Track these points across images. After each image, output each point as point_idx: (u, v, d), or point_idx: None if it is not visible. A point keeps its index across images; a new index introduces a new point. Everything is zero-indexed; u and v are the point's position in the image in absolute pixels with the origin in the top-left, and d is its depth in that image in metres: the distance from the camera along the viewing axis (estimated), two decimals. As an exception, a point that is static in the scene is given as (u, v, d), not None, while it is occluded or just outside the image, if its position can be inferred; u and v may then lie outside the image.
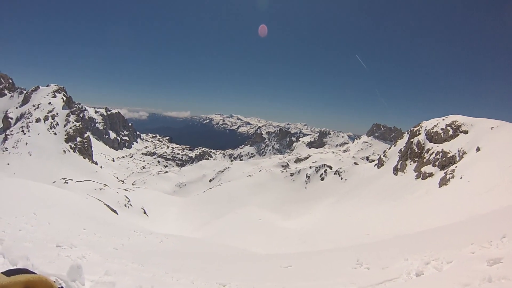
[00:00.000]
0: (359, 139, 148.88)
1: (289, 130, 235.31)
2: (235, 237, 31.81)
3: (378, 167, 57.59)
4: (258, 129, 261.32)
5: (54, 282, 1.76)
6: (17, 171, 65.75)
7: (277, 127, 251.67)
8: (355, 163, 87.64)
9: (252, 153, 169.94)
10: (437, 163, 42.24)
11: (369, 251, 11.44)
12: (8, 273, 1.48)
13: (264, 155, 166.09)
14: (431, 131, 47.69)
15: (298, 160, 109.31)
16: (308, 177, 66.43)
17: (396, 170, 50.55)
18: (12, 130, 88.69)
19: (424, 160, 45.12)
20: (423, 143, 48.12)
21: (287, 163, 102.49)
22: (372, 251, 11.33)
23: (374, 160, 72.50)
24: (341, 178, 61.40)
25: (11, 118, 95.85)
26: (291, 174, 69.56)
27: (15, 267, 1.57)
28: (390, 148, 60.91)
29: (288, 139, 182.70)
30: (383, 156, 59.02)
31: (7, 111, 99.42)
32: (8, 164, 73.11)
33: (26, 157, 78.28)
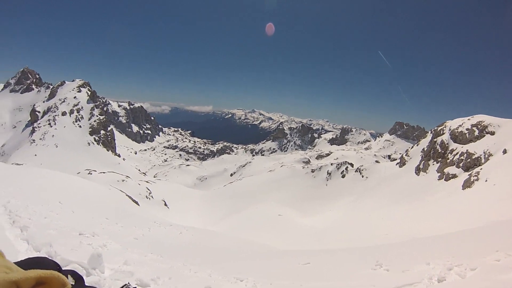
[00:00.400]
0: (381, 137, 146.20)
1: (311, 126, 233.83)
2: (254, 232, 31.86)
3: (400, 166, 56.34)
4: (280, 125, 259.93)
5: (73, 272, 1.74)
6: (44, 162, 67.80)
7: (299, 123, 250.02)
8: (377, 161, 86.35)
9: (273, 149, 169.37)
10: (461, 165, 40.82)
11: (388, 253, 11.19)
12: (27, 262, 1.47)
13: (286, 150, 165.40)
14: (456, 131, 46.10)
15: (319, 157, 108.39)
16: (329, 174, 65.78)
17: (418, 170, 49.28)
18: (39, 123, 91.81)
19: (448, 160, 43.67)
20: (447, 143, 46.60)
21: (309, 159, 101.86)
22: (391, 253, 11.08)
23: (396, 159, 70.96)
24: (362, 176, 60.50)
25: (39, 112, 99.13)
26: (312, 171, 69.02)
27: (34, 256, 1.56)
28: (412, 147, 59.44)
29: (310, 135, 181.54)
30: (405, 155, 57.66)
31: (34, 105, 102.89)
32: (35, 155, 75.71)
33: (52, 149, 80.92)
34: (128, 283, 3.38)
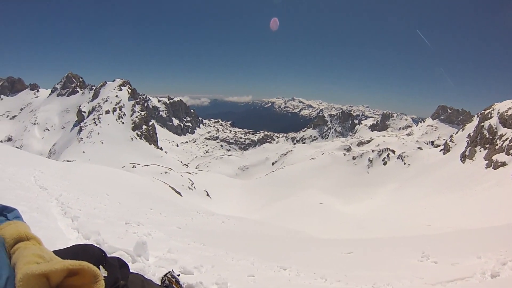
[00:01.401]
0: (424, 122, 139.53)
1: (351, 112, 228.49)
2: (295, 220, 31.81)
3: (444, 153, 53.90)
4: (320, 112, 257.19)
5: (118, 259, 1.73)
6: (91, 158, 71.57)
7: (339, 110, 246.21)
8: (419, 148, 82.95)
9: (314, 136, 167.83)
10: (511, 152, 38.20)
11: (435, 244, 10.70)
12: (73, 249, 1.47)
13: (327, 138, 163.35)
14: (505, 114, 42.97)
15: (360, 144, 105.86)
16: (370, 161, 64.29)
17: (463, 157, 46.71)
18: (85, 122, 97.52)
19: (496, 147, 40.89)
20: (496, 128, 43.59)
21: (350, 146, 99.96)
22: (438, 244, 10.59)
23: (439, 145, 67.98)
24: (404, 163, 58.55)
25: (84, 112, 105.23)
26: (354, 158, 67.87)
27: (81, 243, 1.57)
28: (457, 132, 56.56)
29: (350, 121, 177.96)
30: (450, 141, 54.93)
31: (80, 106, 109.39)
32: (83, 152, 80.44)
33: (98, 145, 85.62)
34: (172, 270, 3.40)
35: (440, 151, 56.39)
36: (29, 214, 5.61)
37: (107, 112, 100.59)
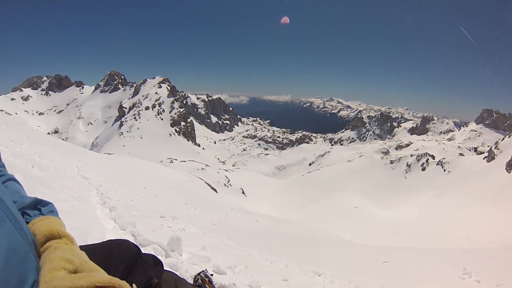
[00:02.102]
0: (466, 126, 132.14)
1: (390, 114, 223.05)
2: (330, 223, 31.30)
3: (488, 161, 50.91)
4: (359, 113, 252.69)
5: (153, 256, 1.64)
6: (131, 152, 74.28)
7: (378, 111, 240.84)
8: (461, 154, 78.97)
9: (352, 138, 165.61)
10: None
11: (476, 260, 10.02)
12: (108, 244, 1.38)
13: (365, 140, 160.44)
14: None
15: (399, 147, 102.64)
16: (408, 165, 62.12)
17: (509, 166, 43.84)
18: (126, 118, 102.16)
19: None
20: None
21: (388, 150, 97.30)
22: (479, 261, 9.90)
23: (483, 152, 64.34)
24: (444, 170, 55.98)
25: (125, 108, 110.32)
26: (391, 162, 65.94)
27: (116, 238, 1.52)
28: (503, 139, 53.31)
29: (389, 124, 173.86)
30: (495, 148, 51.81)
31: (121, 102, 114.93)
32: (123, 145, 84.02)
33: (138, 140, 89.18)
34: (206, 269, 3.28)
35: (483, 159, 53.48)
36: (70, 202, 5.78)
37: (147, 108, 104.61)
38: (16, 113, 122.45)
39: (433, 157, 63.24)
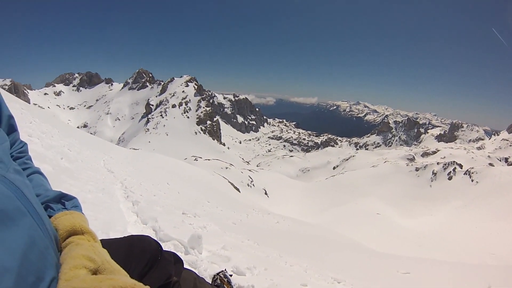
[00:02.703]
0: (498, 135, 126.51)
1: (417, 120, 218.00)
2: (352, 228, 30.83)
3: (520, 172, 48.79)
4: (385, 118, 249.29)
5: (174, 254, 1.63)
6: (156, 148, 75.88)
7: (405, 117, 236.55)
8: (490, 164, 75.84)
9: (378, 143, 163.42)
10: None
11: (501, 277, 9.60)
12: (130, 239, 1.37)
13: (390, 145, 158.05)
14: None
15: (425, 154, 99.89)
16: (434, 174, 60.52)
17: (542, 180, 41.85)
18: (153, 115, 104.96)
19: None
20: None
21: (413, 156, 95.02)
22: (504, 278, 9.49)
23: (514, 163, 61.74)
24: (472, 180, 54.16)
25: (152, 105, 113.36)
26: (416, 169, 64.55)
27: (139, 234, 1.51)
28: (537, 149, 51.07)
29: (415, 130, 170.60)
30: (527, 159, 49.66)
31: (148, 99, 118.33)
32: (149, 142, 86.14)
33: (163, 137, 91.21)
34: (225, 269, 3.23)
35: (515, 170, 51.27)
36: (96, 194, 5.89)
37: (174, 106, 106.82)
38: (48, 107, 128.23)
39: (460, 166, 61.28)
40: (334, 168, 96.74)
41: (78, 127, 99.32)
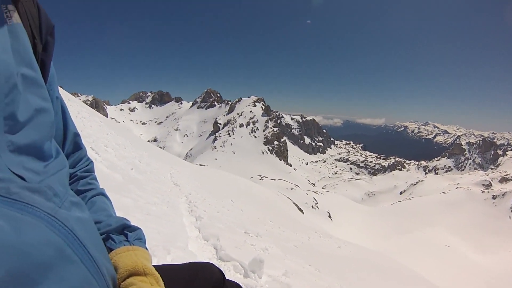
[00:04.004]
0: None
1: (494, 141, 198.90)
2: (417, 259, 28.91)
3: None
4: (457, 139, 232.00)
5: (237, 285, 1.46)
6: (222, 165, 78.49)
7: (479, 137, 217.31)
8: None
9: (449, 167, 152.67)
10: None
11: None
12: (192, 266, 1.28)
13: (463, 169, 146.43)
14: None
15: (504, 180, 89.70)
16: (515, 203, 55.14)
17: None
18: (220, 133, 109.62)
19: None
20: None
21: (490, 182, 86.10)
22: None
23: None
24: (561, 213, 48.35)
25: (220, 124, 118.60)
26: (494, 197, 59.31)
27: (201, 261, 1.38)
28: None
29: (492, 152, 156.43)
30: None
31: (216, 118, 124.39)
32: (216, 159, 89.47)
33: (230, 155, 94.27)
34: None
35: None
36: (160, 207, 6.03)
37: (241, 125, 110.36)
38: (123, 121, 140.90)
39: (547, 194, 54.83)
40: (401, 193, 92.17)
41: (148, 141, 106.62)
